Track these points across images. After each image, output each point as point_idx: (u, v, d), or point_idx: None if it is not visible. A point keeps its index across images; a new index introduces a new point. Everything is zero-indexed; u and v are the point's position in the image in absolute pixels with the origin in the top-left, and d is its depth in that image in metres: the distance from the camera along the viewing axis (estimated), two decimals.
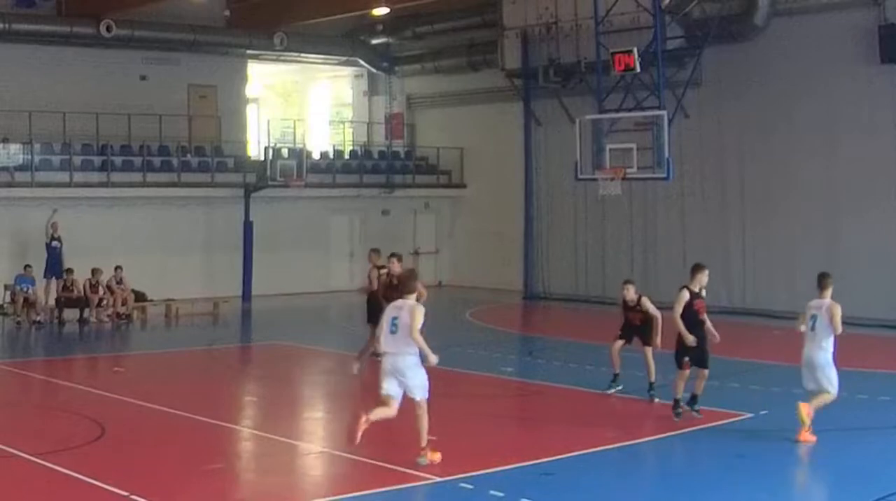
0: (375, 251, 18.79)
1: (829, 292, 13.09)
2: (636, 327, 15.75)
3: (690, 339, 13.84)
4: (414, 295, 11.90)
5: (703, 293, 14.28)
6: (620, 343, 15.93)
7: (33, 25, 27.71)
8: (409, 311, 11.47)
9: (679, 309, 13.96)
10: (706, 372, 14.16)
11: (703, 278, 14.31)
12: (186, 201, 29.12)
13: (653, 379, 15.53)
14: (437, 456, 11.62)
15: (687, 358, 14.07)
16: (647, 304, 15.68)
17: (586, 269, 29.43)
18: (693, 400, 14.26)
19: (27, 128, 26.59)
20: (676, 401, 14.17)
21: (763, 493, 11.02)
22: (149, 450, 12.51)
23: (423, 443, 11.64)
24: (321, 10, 29.42)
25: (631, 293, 15.77)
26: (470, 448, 12.82)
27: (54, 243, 25.25)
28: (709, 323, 14.19)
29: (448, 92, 34.32)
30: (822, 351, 12.82)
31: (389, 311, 11.75)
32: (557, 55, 28.88)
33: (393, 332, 11.54)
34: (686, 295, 13.99)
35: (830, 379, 12.96)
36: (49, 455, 11.86)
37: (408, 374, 11.51)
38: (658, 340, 15.46)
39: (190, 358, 20.56)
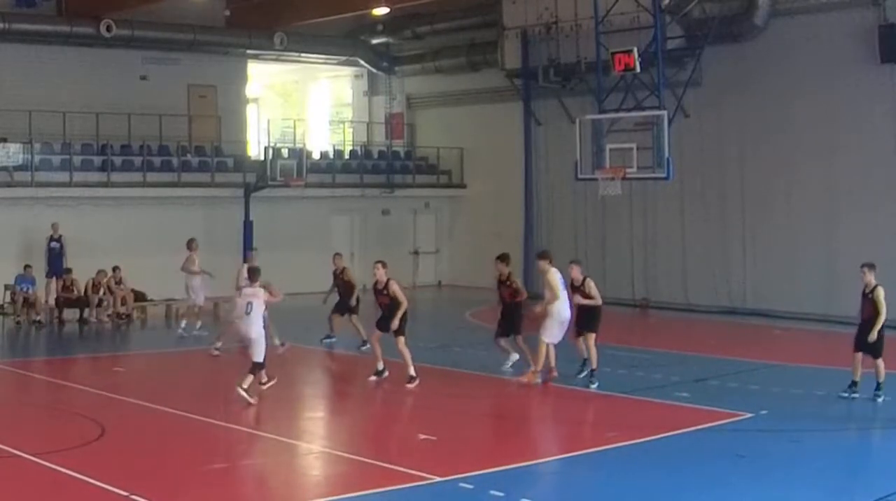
0: (339, 255, 22.47)
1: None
2: (582, 314, 16.77)
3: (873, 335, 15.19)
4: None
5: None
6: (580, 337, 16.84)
7: (33, 25, 27.69)
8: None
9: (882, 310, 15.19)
10: (878, 360, 15.28)
11: (864, 277, 15.31)
12: (186, 201, 29.10)
13: (594, 366, 16.47)
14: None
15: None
16: (590, 286, 16.81)
17: (586, 269, 29.17)
18: (877, 386, 15.37)
19: (27, 128, 26.60)
20: (878, 384, 15.39)
21: (763, 493, 11.01)
22: (149, 450, 12.51)
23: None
24: (321, 10, 29.45)
25: (575, 272, 16.89)
26: (470, 448, 12.84)
27: (53, 243, 25.22)
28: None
29: (448, 92, 34.32)
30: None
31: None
32: (557, 55, 28.91)
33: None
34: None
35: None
36: (49, 455, 11.86)
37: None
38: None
39: (190, 358, 20.55)
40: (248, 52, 32.36)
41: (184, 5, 28.43)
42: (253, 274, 16.08)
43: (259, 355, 15.42)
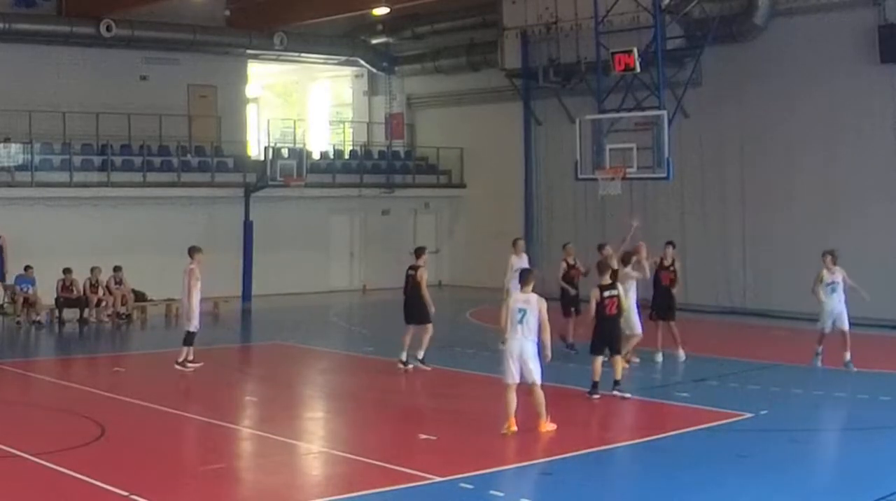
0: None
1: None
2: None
3: None
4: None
5: None
6: None
7: (33, 25, 27.71)
8: None
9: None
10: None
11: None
12: (186, 201, 29.11)
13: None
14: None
15: None
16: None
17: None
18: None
19: (27, 128, 26.61)
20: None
21: (762, 493, 11.01)
22: (149, 450, 12.51)
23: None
24: (321, 10, 29.46)
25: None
26: (470, 449, 12.83)
27: None
28: None
29: (448, 92, 34.32)
30: None
31: None
32: (557, 55, 28.92)
33: None
34: None
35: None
36: (49, 455, 11.86)
37: None
38: None
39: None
40: (248, 52, 32.37)
41: (184, 5, 28.45)
42: (192, 252, 18.20)
43: (191, 325, 17.93)
